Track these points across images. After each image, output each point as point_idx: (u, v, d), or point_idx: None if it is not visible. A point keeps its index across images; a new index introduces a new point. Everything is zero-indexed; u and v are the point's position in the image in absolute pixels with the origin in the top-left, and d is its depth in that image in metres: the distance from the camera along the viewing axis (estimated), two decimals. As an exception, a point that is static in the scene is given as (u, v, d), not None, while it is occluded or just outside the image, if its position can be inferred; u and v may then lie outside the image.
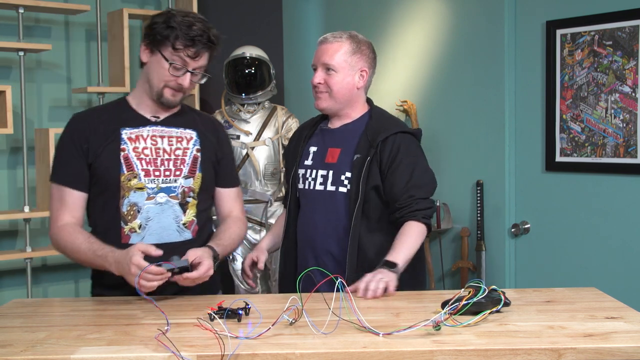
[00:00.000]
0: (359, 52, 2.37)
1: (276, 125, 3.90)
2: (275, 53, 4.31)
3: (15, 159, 3.71)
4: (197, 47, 2.07)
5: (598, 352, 1.56)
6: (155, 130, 2.19)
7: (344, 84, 2.35)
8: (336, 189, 2.35)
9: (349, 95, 2.37)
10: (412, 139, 2.38)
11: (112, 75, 3.83)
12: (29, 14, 3.68)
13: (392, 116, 2.50)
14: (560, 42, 3.01)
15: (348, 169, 2.34)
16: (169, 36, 2.06)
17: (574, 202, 3.03)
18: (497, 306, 1.78)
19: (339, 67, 2.34)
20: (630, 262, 2.86)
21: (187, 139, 2.22)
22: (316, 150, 2.44)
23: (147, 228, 2.14)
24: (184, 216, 2.17)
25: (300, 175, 2.45)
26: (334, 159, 2.39)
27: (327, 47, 2.36)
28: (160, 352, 1.53)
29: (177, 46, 2.06)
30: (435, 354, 1.54)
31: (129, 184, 2.13)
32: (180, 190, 2.17)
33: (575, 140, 2.98)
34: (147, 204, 2.14)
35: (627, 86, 2.79)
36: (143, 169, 2.14)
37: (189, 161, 2.19)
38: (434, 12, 3.52)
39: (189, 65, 2.09)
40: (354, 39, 2.38)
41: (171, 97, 2.15)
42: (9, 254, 3.54)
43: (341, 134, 2.41)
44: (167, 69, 2.09)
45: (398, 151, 2.30)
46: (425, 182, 2.32)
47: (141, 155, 2.15)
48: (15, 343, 1.61)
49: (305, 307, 1.74)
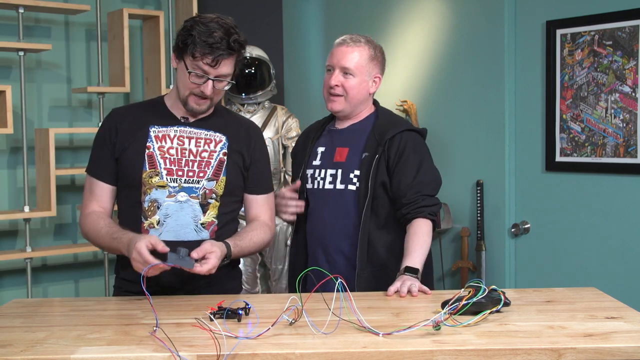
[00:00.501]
0: (375, 58, 2.42)
1: (276, 125, 3.90)
2: (275, 53, 4.31)
3: (15, 159, 3.71)
4: (214, 55, 2.05)
5: (598, 352, 1.56)
6: (184, 131, 2.20)
7: (360, 88, 2.39)
8: (345, 187, 2.37)
9: (363, 99, 2.41)
10: (418, 137, 2.41)
11: (112, 75, 3.83)
12: (29, 14, 3.68)
13: (397, 116, 2.53)
14: (560, 42, 3.01)
15: (357, 167, 2.36)
16: (189, 44, 2.06)
17: (574, 202, 3.03)
18: (497, 306, 1.78)
19: (357, 72, 2.37)
20: (630, 262, 2.86)
21: (216, 141, 2.21)
22: (324, 150, 2.46)
23: (165, 224, 2.15)
24: (203, 216, 2.17)
25: (308, 175, 2.46)
26: (342, 157, 2.41)
27: (347, 50, 2.38)
28: (159, 352, 1.53)
29: (195, 55, 2.06)
30: (435, 354, 1.54)
31: (151, 181, 2.15)
32: (202, 191, 2.17)
33: (575, 140, 2.98)
34: (167, 201, 2.15)
35: (627, 86, 2.79)
36: (166, 168, 2.16)
37: (214, 164, 2.19)
38: (434, 12, 3.52)
39: (209, 74, 2.08)
40: (371, 44, 2.42)
41: (196, 105, 2.15)
42: (9, 254, 3.54)
43: (349, 133, 2.44)
44: (189, 78, 2.09)
45: (405, 148, 2.33)
46: (431, 179, 2.34)
47: (166, 154, 2.16)
48: (15, 343, 1.61)
49: (305, 307, 1.74)
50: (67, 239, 3.90)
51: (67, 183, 3.88)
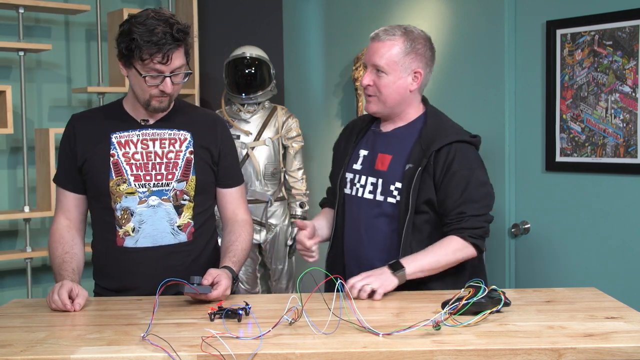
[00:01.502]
0: (413, 51, 2.17)
1: (276, 125, 3.90)
2: (275, 53, 4.31)
3: (15, 159, 3.71)
4: (163, 51, 1.98)
5: (598, 352, 1.56)
6: (146, 133, 2.15)
7: (395, 87, 2.17)
8: (385, 199, 2.19)
9: (400, 98, 2.19)
10: (469, 149, 2.19)
11: (112, 75, 3.83)
12: (29, 14, 3.68)
13: (448, 120, 2.30)
14: (560, 42, 3.01)
15: (398, 179, 2.16)
16: (134, 50, 1.99)
17: (574, 202, 3.03)
18: (497, 306, 1.78)
19: (389, 68, 2.16)
20: (630, 262, 2.86)
21: (181, 140, 2.16)
22: (366, 155, 2.27)
23: (140, 231, 2.12)
24: (179, 219, 2.15)
25: (347, 179, 2.30)
26: (384, 166, 2.21)
27: (378, 45, 2.17)
28: (159, 352, 1.53)
29: (144, 57, 1.99)
30: (435, 354, 1.54)
31: (119, 189, 2.11)
32: (172, 193, 2.13)
33: (575, 140, 2.98)
34: (139, 207, 2.12)
35: (627, 86, 2.79)
36: (133, 174, 2.11)
37: (182, 164, 2.15)
38: (434, 12, 3.52)
39: (164, 72, 2.02)
40: (408, 35, 2.17)
41: (159, 105, 2.10)
42: (9, 254, 3.54)
43: (393, 139, 2.24)
44: (145, 82, 2.03)
45: (452, 162, 2.12)
46: (480, 196, 2.14)
47: (131, 160, 2.12)
48: (15, 343, 1.61)
49: (305, 308, 1.74)
50: (67, 239, 3.89)
51: (67, 183, 3.88)
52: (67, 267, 2.07)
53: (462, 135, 2.20)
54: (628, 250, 2.87)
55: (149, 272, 2.12)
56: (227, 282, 1.98)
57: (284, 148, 3.93)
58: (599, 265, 2.95)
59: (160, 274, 2.06)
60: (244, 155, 3.81)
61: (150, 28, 1.98)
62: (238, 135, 3.82)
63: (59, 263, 2.10)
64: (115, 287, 2.18)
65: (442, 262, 2.10)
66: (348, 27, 4.00)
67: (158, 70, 2.02)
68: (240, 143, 3.81)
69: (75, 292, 1.93)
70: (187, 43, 2.08)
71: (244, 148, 3.82)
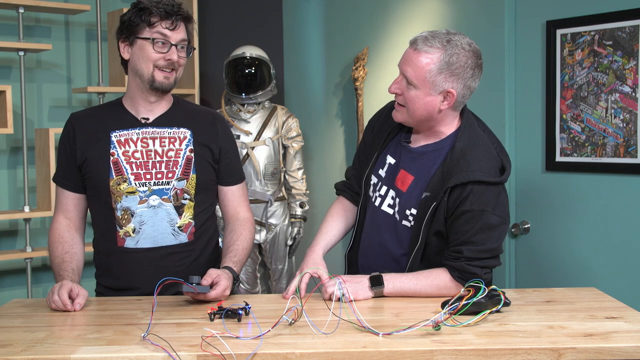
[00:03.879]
0: (449, 70, 1.94)
1: (276, 125, 3.90)
2: (275, 53, 4.31)
3: (15, 159, 3.71)
4: (172, 18, 2.06)
5: (598, 352, 1.56)
6: (146, 132, 2.14)
7: (422, 103, 1.98)
8: (400, 220, 2.08)
9: (428, 115, 2.01)
10: (489, 192, 1.96)
11: (112, 75, 3.83)
12: (29, 14, 3.68)
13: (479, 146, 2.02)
14: (560, 42, 3.01)
15: (414, 205, 2.03)
16: (142, 16, 2.05)
17: (574, 202, 3.03)
18: (497, 306, 1.78)
19: (418, 83, 1.96)
20: (631, 262, 2.86)
21: (181, 139, 2.16)
22: (392, 164, 2.13)
23: (141, 232, 2.12)
24: (180, 219, 2.14)
25: (371, 183, 2.18)
26: (404, 186, 2.07)
27: (414, 55, 1.97)
28: (159, 352, 1.53)
29: (152, 22, 2.05)
30: (435, 354, 1.54)
31: (119, 188, 2.11)
32: (172, 192, 2.13)
33: (575, 140, 2.98)
34: (140, 207, 2.11)
35: (627, 86, 2.79)
36: (133, 173, 2.11)
37: (182, 162, 2.14)
38: (434, 12, 3.52)
39: (170, 39, 2.07)
40: (449, 49, 1.94)
41: (164, 80, 2.10)
42: (9, 254, 3.54)
43: (418, 158, 2.08)
44: (152, 48, 2.06)
45: (465, 200, 1.95)
46: (484, 240, 1.95)
47: (131, 159, 2.12)
48: (15, 343, 1.61)
49: (305, 308, 1.74)
50: (67, 239, 3.90)
51: (67, 183, 3.88)
52: (67, 267, 2.07)
53: (484, 174, 1.97)
54: (628, 250, 2.87)
55: (150, 272, 2.12)
56: (226, 282, 1.98)
57: (284, 148, 3.93)
58: (599, 265, 2.95)
59: (161, 274, 2.05)
60: (244, 155, 3.81)
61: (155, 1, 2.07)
62: (238, 135, 3.82)
63: (58, 263, 2.10)
64: (116, 287, 2.18)
65: (424, 292, 2.01)
66: (348, 27, 4.00)
67: (165, 36, 2.06)
68: (240, 143, 3.81)
69: (75, 292, 1.93)
70: (191, 24, 2.14)
71: (244, 148, 3.82)
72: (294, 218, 3.94)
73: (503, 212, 1.99)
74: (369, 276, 2.04)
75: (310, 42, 4.29)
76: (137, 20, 2.06)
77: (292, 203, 3.95)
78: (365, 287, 2.00)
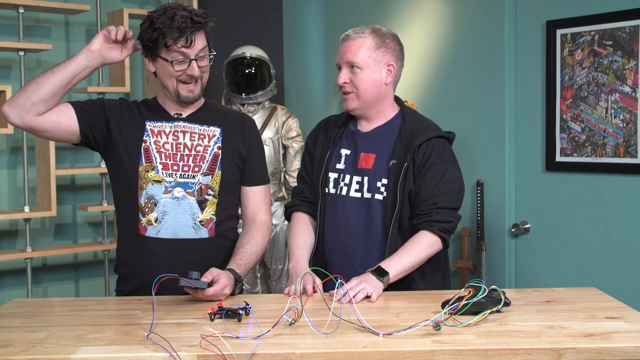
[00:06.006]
0: (384, 45, 2.24)
1: (276, 125, 3.90)
2: (275, 53, 4.31)
3: (15, 159, 3.71)
4: (186, 35, 2.07)
5: (598, 352, 1.56)
6: (178, 125, 2.21)
7: (371, 81, 2.23)
8: (372, 196, 2.23)
9: (377, 93, 2.25)
10: (446, 144, 2.27)
11: (112, 75, 3.83)
12: (29, 14, 3.68)
13: (424, 118, 2.37)
14: (560, 42, 3.01)
15: (384, 175, 2.22)
16: (158, 39, 2.08)
17: (574, 202, 3.03)
18: (497, 306, 1.78)
19: (363, 64, 2.22)
20: (631, 262, 2.86)
21: (210, 136, 2.22)
22: (348, 154, 2.31)
23: (163, 222, 2.15)
24: (202, 214, 2.17)
25: (331, 178, 2.32)
26: (368, 164, 2.26)
27: (350, 44, 2.24)
28: (159, 352, 1.53)
29: (169, 44, 2.08)
30: (435, 354, 1.54)
31: (147, 175, 2.15)
32: (197, 187, 2.17)
33: (575, 140, 2.98)
34: (164, 197, 2.15)
35: (627, 86, 2.79)
36: (161, 162, 2.16)
37: (209, 158, 2.19)
38: (434, 12, 3.52)
39: (189, 55, 2.10)
40: (377, 32, 2.25)
41: (189, 93, 2.16)
42: (9, 254, 3.54)
43: (374, 137, 2.29)
44: (173, 68, 2.11)
45: (430, 156, 2.20)
46: (451, 190, 2.20)
47: (161, 149, 2.17)
48: (15, 343, 1.61)
49: (305, 308, 1.74)
50: (67, 239, 3.90)
51: (67, 183, 3.88)
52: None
53: (439, 131, 2.29)
54: (628, 250, 2.87)
55: (168, 264, 2.13)
56: (226, 281, 1.98)
57: (284, 148, 3.93)
58: (599, 265, 2.95)
59: (178, 267, 2.06)
60: (244, 155, 3.82)
61: (170, 16, 2.08)
62: (238, 135, 3.83)
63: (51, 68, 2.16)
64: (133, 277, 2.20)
65: (418, 260, 2.15)
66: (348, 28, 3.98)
67: (183, 53, 2.09)
68: (240, 143, 3.81)
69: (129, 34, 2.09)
70: (208, 27, 2.16)
71: (244, 148, 3.82)
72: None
73: (459, 167, 2.29)
74: (369, 272, 2.06)
75: (310, 42, 4.29)
76: (153, 42, 2.10)
77: (292, 203, 3.95)
78: (376, 281, 2.03)
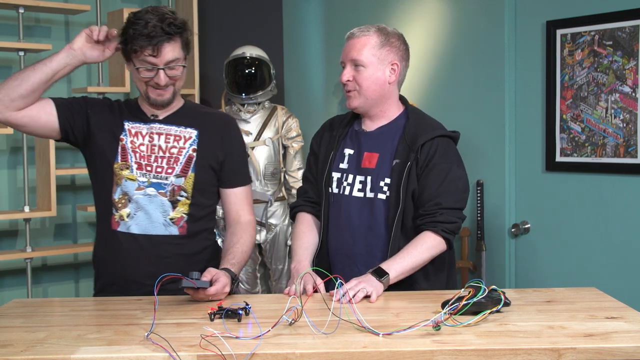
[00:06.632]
0: (388, 44, 2.24)
1: (276, 125, 3.90)
2: (275, 53, 4.31)
3: (15, 159, 3.71)
4: (152, 43, 2.06)
5: (598, 352, 1.56)
6: (154, 127, 2.22)
7: (374, 79, 2.22)
8: (375, 195, 2.23)
9: (380, 91, 2.25)
10: (450, 143, 2.26)
11: (112, 75, 3.83)
12: (29, 14, 3.68)
13: (429, 117, 2.36)
14: (560, 42, 3.01)
15: (387, 175, 2.21)
16: (128, 43, 2.09)
17: (574, 202, 3.03)
18: (497, 306, 1.78)
19: (367, 62, 2.22)
20: (631, 262, 2.86)
21: (186, 137, 2.22)
22: (352, 154, 2.31)
23: (135, 217, 2.18)
24: (172, 212, 2.19)
25: (334, 178, 2.31)
26: (371, 164, 2.25)
27: (354, 42, 2.24)
28: (159, 352, 1.53)
29: (136, 49, 2.08)
30: (435, 354, 1.54)
31: (122, 172, 2.18)
32: (170, 188, 2.18)
33: (575, 140, 2.98)
34: (136, 194, 2.17)
35: (627, 86, 2.79)
36: (136, 162, 2.18)
37: (183, 160, 2.20)
38: (434, 12, 3.52)
39: (157, 64, 2.09)
40: (382, 31, 2.25)
41: (157, 97, 2.17)
42: (9, 254, 3.54)
43: (378, 137, 2.28)
44: (140, 74, 2.11)
45: (434, 155, 2.19)
46: (456, 190, 2.19)
47: (137, 149, 2.19)
48: (15, 343, 1.61)
49: (305, 308, 1.74)
50: (67, 239, 3.89)
51: (67, 183, 3.88)
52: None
53: (443, 130, 2.28)
54: (628, 250, 2.87)
55: (136, 259, 2.17)
56: (226, 279, 2.00)
57: (284, 148, 3.93)
58: (599, 265, 2.95)
59: (146, 262, 2.14)
60: (244, 155, 3.82)
61: (144, 22, 2.07)
62: (238, 135, 3.83)
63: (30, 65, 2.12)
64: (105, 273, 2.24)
65: (420, 261, 2.14)
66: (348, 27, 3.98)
67: (150, 62, 2.09)
68: (240, 143, 3.82)
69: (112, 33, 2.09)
70: (184, 37, 2.13)
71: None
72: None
73: (464, 166, 2.28)
74: (369, 272, 2.06)
75: (310, 42, 4.29)
76: (124, 46, 2.11)
77: (292, 203, 3.95)
78: (376, 282, 2.03)
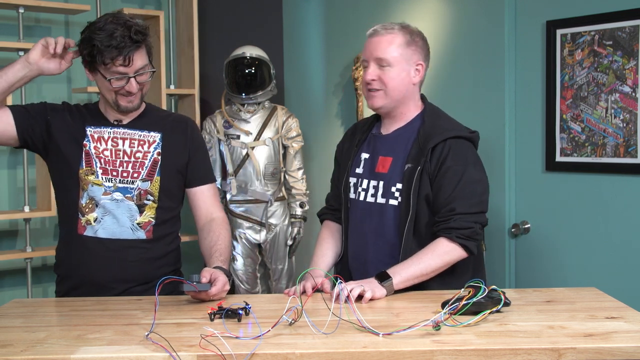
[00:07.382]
0: (414, 43, 2.17)
1: (276, 125, 3.90)
2: (275, 53, 4.31)
3: (15, 159, 3.71)
4: (124, 54, 2.06)
5: (598, 352, 1.56)
6: (117, 132, 2.22)
7: (400, 79, 2.16)
8: (386, 201, 2.17)
9: (405, 92, 2.18)
10: (464, 144, 2.15)
11: (112, 75, 3.83)
12: (29, 14, 3.68)
13: (446, 117, 2.27)
14: (560, 42, 3.01)
15: (399, 180, 2.15)
16: (95, 55, 2.06)
17: (574, 202, 3.03)
18: (497, 306, 1.78)
19: (394, 60, 2.14)
20: (631, 262, 2.86)
21: (150, 142, 2.23)
22: (367, 158, 2.26)
23: (102, 222, 2.18)
24: (140, 216, 2.20)
25: (351, 184, 2.28)
26: (385, 168, 2.19)
27: (379, 39, 2.15)
28: (159, 352, 1.53)
29: (106, 62, 2.06)
30: (435, 354, 1.54)
31: (87, 178, 2.17)
32: (136, 192, 2.19)
33: (575, 140, 2.98)
34: (103, 199, 2.17)
35: (627, 86, 2.79)
36: (101, 167, 2.18)
37: (148, 164, 2.21)
38: (434, 12, 3.52)
39: (128, 73, 2.09)
40: (406, 29, 2.18)
41: (128, 104, 2.17)
42: (9, 254, 3.54)
43: (393, 140, 2.23)
44: (111, 84, 2.10)
45: (447, 157, 2.10)
46: (471, 194, 2.09)
47: (101, 154, 2.19)
48: (15, 343, 1.61)
49: (305, 308, 1.74)
50: (67, 239, 3.89)
51: (67, 183, 3.87)
52: None
53: (458, 131, 2.18)
54: (628, 250, 2.87)
55: (103, 263, 2.18)
56: (224, 278, 2.01)
57: (284, 148, 3.93)
58: (599, 265, 2.95)
59: (113, 266, 2.16)
60: (244, 155, 3.82)
61: (109, 32, 2.05)
62: (238, 135, 3.83)
63: None
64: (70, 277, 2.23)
65: (431, 268, 2.06)
66: (348, 27, 4.00)
67: (121, 72, 2.09)
68: (240, 143, 3.81)
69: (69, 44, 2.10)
70: (148, 43, 2.15)
71: (244, 148, 3.82)
72: (294, 218, 3.94)
73: (482, 168, 2.18)
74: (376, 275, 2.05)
75: (310, 42, 4.29)
76: (91, 57, 2.08)
77: (292, 203, 3.95)
78: (378, 285, 2.01)
